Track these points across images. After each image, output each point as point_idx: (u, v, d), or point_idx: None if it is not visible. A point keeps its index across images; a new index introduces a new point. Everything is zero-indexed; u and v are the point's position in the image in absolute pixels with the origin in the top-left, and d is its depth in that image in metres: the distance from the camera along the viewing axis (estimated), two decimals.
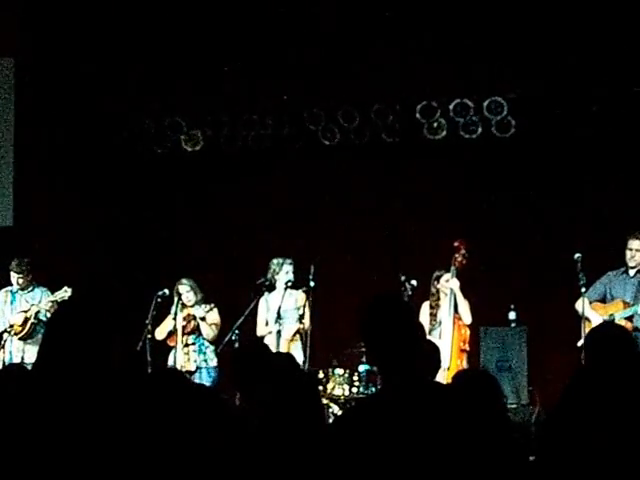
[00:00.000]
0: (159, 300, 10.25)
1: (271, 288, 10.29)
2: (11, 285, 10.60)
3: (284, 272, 10.22)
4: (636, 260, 9.55)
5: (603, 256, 10.09)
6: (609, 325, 5.54)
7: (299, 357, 10.03)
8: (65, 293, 10.20)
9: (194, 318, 10.33)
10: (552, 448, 3.25)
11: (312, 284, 10.09)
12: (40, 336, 9.86)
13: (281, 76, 11.48)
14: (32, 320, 10.31)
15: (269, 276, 10.28)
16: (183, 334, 10.30)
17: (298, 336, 10.20)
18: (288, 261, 10.28)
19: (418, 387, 3.70)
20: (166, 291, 10.29)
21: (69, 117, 12.03)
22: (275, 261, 10.30)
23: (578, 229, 11.05)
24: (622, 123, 10.81)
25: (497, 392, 4.75)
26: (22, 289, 10.55)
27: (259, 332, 10.27)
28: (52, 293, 10.39)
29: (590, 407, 2.88)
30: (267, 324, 10.25)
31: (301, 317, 10.18)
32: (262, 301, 10.30)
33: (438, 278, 10.04)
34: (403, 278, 9.96)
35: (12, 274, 10.51)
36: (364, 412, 3.77)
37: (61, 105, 11.89)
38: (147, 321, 10.14)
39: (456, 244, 10.06)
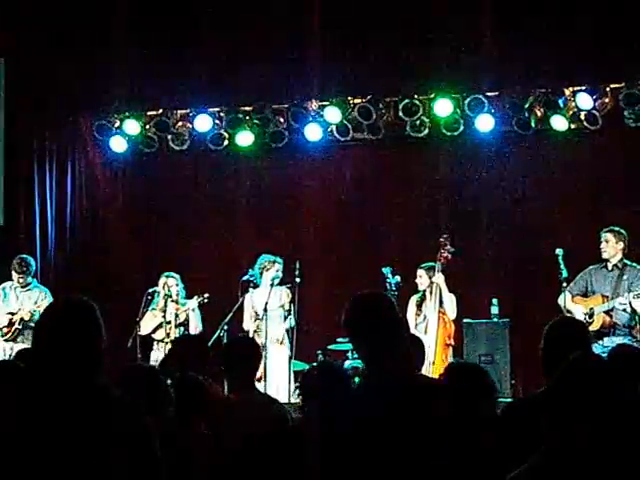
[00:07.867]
0: (149, 298, 10.36)
1: (256, 285, 10.36)
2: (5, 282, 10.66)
3: (274, 270, 10.29)
4: (608, 252, 9.71)
5: (584, 251, 10.24)
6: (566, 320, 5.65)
7: (286, 356, 10.14)
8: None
9: (185, 311, 10.40)
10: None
11: (297, 280, 10.22)
12: (22, 338, 9.97)
13: (267, 73, 11.55)
14: (17, 325, 10.29)
15: (256, 272, 10.35)
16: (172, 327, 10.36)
17: (286, 335, 10.31)
18: (279, 260, 10.36)
19: (400, 380, 3.83)
20: (157, 289, 10.37)
21: (59, 116, 12.12)
22: (265, 258, 10.37)
23: (560, 224, 11.19)
24: (601, 121, 10.95)
25: (490, 386, 4.83)
26: (22, 287, 10.54)
27: (245, 326, 10.36)
28: (51, 294, 10.40)
29: (573, 399, 3.00)
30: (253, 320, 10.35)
31: (287, 315, 10.30)
32: (247, 297, 10.36)
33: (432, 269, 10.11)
34: (386, 275, 10.08)
35: (13, 273, 10.53)
36: (348, 405, 3.92)
37: (51, 105, 11.96)
38: (137, 318, 10.25)
39: (441, 240, 10.19)
